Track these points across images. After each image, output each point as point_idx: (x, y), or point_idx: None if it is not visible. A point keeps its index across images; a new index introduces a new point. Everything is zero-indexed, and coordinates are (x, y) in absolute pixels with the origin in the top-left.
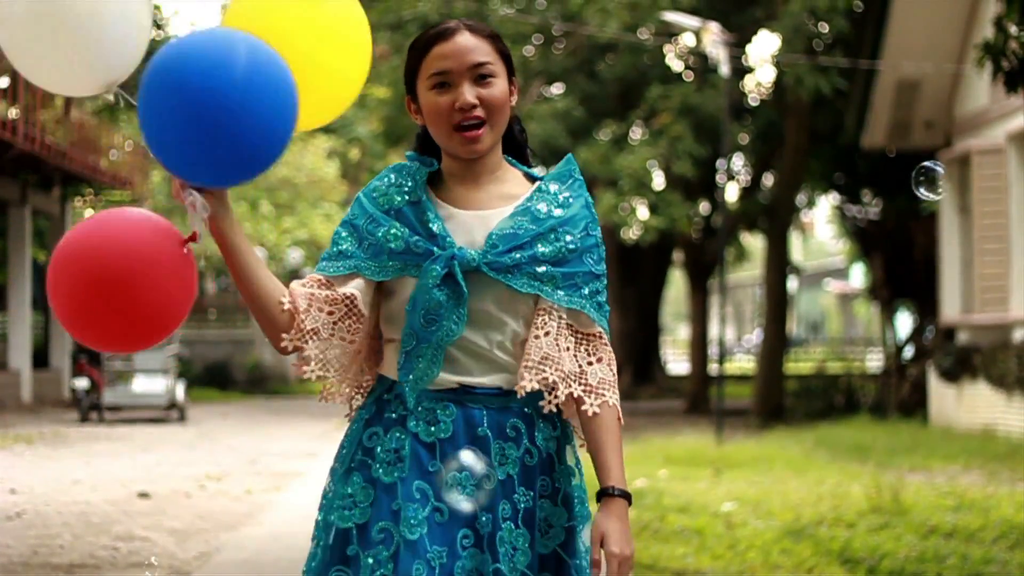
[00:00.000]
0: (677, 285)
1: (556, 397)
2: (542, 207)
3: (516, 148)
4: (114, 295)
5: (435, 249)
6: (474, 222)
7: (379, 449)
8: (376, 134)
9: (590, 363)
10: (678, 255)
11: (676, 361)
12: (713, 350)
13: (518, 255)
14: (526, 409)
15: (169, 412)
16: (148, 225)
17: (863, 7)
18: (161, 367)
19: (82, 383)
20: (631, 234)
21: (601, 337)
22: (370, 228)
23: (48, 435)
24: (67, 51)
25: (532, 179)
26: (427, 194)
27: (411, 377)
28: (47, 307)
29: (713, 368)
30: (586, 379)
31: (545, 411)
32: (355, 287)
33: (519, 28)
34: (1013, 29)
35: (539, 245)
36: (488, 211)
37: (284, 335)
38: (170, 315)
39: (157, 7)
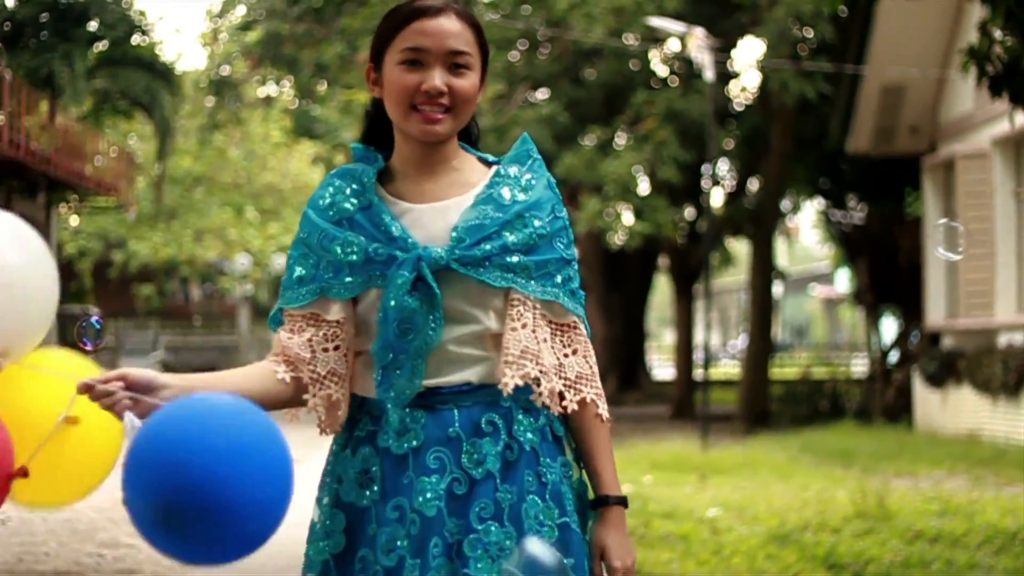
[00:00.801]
0: (662, 290)
1: (541, 393)
2: (505, 192)
3: (469, 141)
4: None
5: (398, 253)
6: (433, 216)
7: (348, 471)
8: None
9: (566, 355)
10: (663, 260)
11: (661, 366)
12: (698, 355)
13: (487, 246)
14: (503, 402)
15: None
16: None
17: (848, 12)
18: None
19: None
20: (616, 240)
21: (576, 327)
22: (324, 244)
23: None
24: None
25: (488, 164)
26: (378, 194)
27: (392, 393)
28: None
29: (698, 373)
30: (564, 372)
31: (539, 404)
32: (339, 311)
33: (504, 33)
34: (998, 34)
35: (508, 234)
36: (446, 201)
37: (305, 396)
38: None
39: (142, 12)
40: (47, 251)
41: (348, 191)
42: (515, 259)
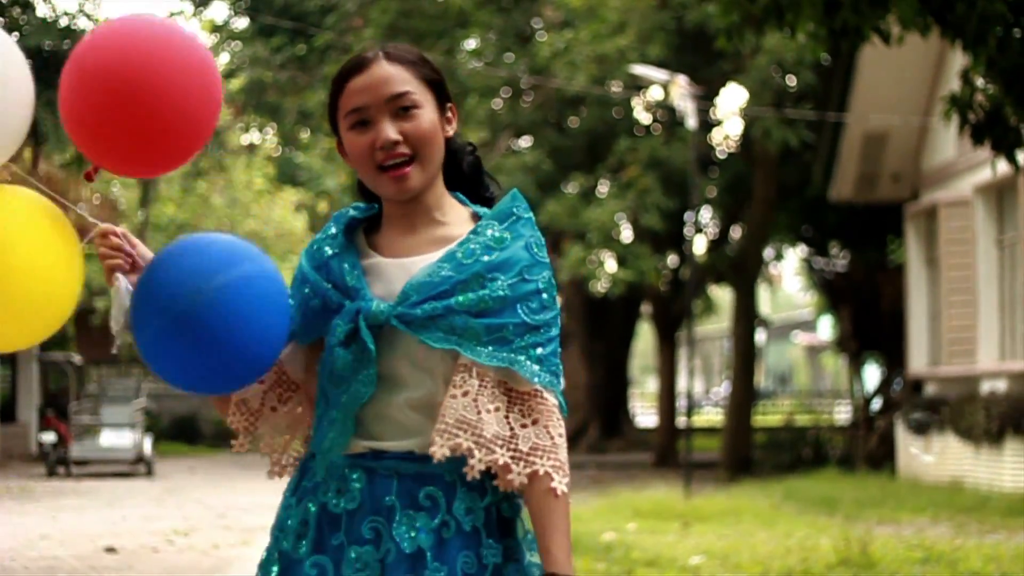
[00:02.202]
0: (645, 338)
1: (472, 466)
2: (471, 250)
3: (469, 182)
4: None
5: (346, 303)
6: (396, 271)
7: (290, 521)
8: (344, 187)
9: (523, 425)
10: (646, 308)
11: (644, 414)
12: (681, 403)
13: (430, 306)
14: (446, 477)
15: (136, 466)
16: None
17: (830, 60)
18: (128, 421)
19: (49, 437)
20: (599, 287)
21: (537, 395)
22: (300, 287)
23: (15, 489)
24: None
25: (479, 219)
26: (353, 242)
27: (324, 445)
28: (14, 359)
29: (681, 421)
30: (516, 444)
31: (468, 478)
32: (284, 353)
33: (487, 81)
34: (980, 82)
35: (458, 294)
36: (413, 258)
37: (227, 414)
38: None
39: None
40: (13, 44)
41: (334, 235)
42: (462, 321)
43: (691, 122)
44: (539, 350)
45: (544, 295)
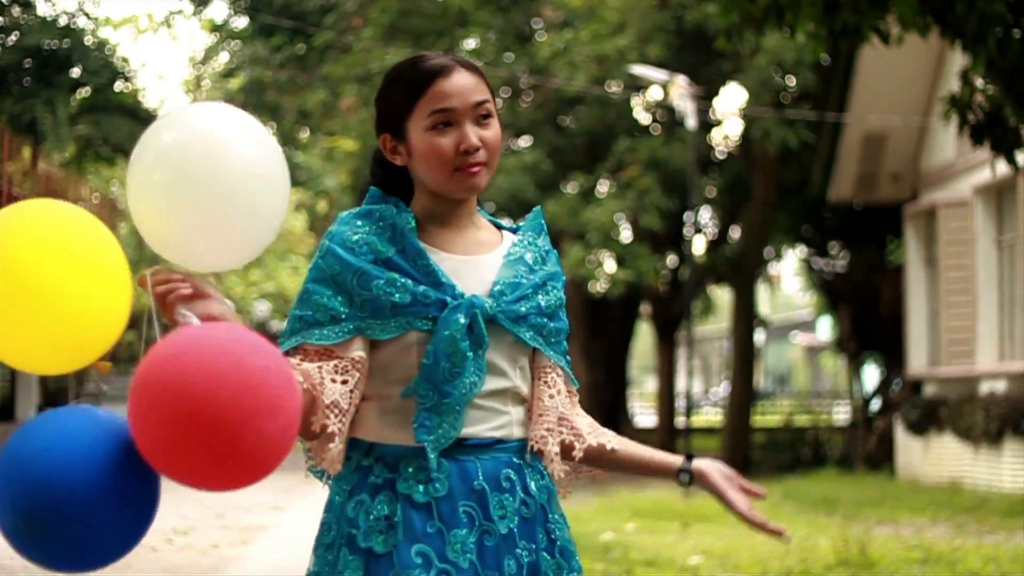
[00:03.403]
0: (644, 338)
1: (575, 457)
2: (529, 258)
3: None
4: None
5: (448, 299)
6: (467, 268)
7: (366, 518)
8: (344, 186)
9: (577, 414)
10: (645, 308)
11: (643, 414)
12: (680, 403)
13: (526, 305)
14: (515, 458)
15: None
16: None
17: (830, 60)
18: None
19: None
20: (598, 287)
21: (576, 395)
22: (362, 282)
23: None
24: (206, 222)
25: (499, 227)
26: (415, 239)
27: (432, 437)
28: None
29: (680, 421)
30: (574, 426)
31: (559, 472)
32: (360, 349)
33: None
34: (979, 82)
35: (540, 296)
36: (475, 256)
37: (313, 418)
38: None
39: (125, 59)
40: (277, 144)
41: (381, 233)
42: (541, 321)
43: (690, 122)
44: (567, 355)
45: (564, 300)
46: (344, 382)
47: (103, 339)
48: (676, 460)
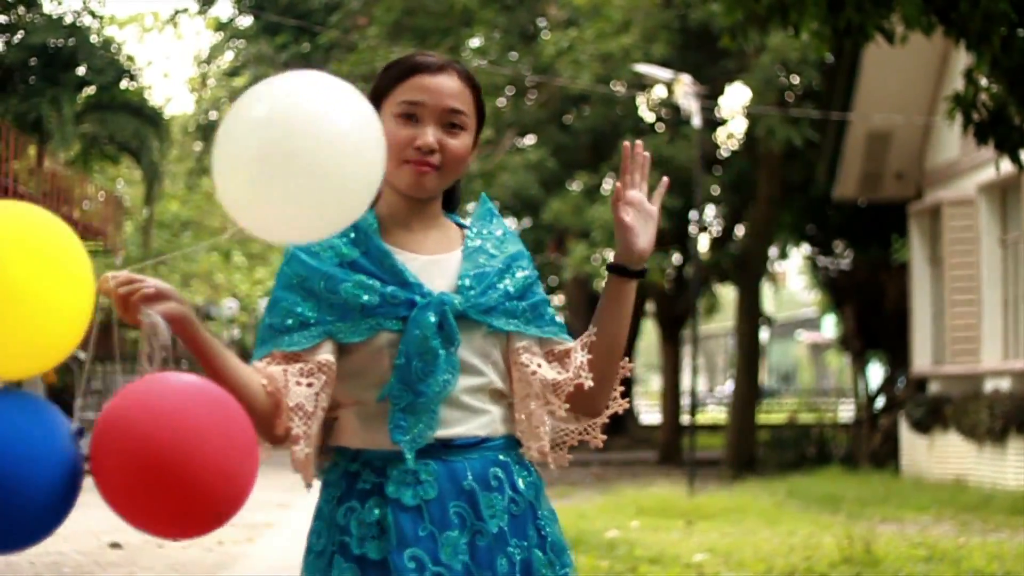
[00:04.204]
0: (649, 336)
1: (530, 448)
2: (489, 246)
3: (447, 199)
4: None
5: (417, 298)
6: (432, 267)
7: (356, 524)
8: None
9: (559, 373)
10: (650, 306)
11: (648, 412)
12: (685, 401)
13: (494, 294)
14: (501, 456)
15: None
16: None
17: (834, 59)
18: None
19: None
20: (603, 285)
21: (584, 344)
22: (329, 286)
23: None
24: (297, 195)
25: (460, 227)
26: (379, 241)
27: (408, 437)
28: None
29: (685, 419)
30: (578, 367)
31: (527, 459)
32: (327, 352)
33: (492, 79)
34: (983, 81)
35: (506, 281)
36: (438, 255)
37: (277, 421)
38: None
39: (130, 57)
40: (373, 112)
41: (343, 234)
42: (513, 305)
43: (695, 121)
44: (556, 316)
45: (537, 274)
46: (310, 384)
47: (63, 343)
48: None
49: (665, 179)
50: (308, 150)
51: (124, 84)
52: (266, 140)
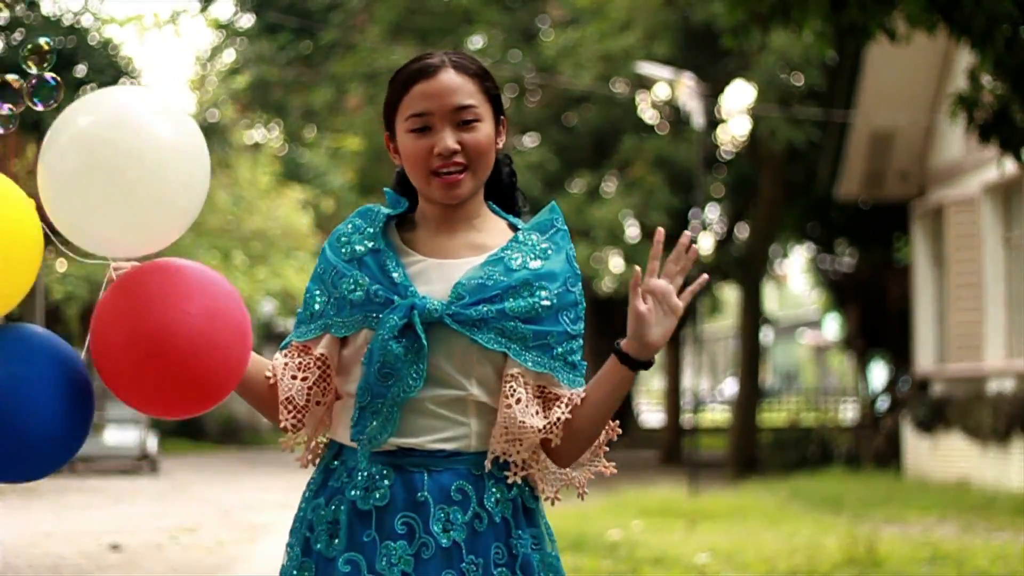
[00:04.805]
0: None
1: (516, 473)
2: (517, 258)
3: (503, 192)
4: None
5: (395, 298)
6: (440, 271)
7: (319, 521)
8: (350, 185)
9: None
10: None
11: (650, 412)
12: (687, 401)
13: (485, 308)
14: (474, 470)
15: (141, 463)
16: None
17: (837, 58)
18: (133, 418)
19: None
20: (605, 285)
21: (571, 398)
22: (335, 280)
23: (19, 487)
24: (119, 210)
25: (515, 229)
26: (389, 239)
27: (364, 436)
28: None
29: (687, 419)
30: (550, 424)
31: (509, 481)
32: (325, 346)
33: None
34: (987, 80)
35: (510, 299)
36: (455, 260)
37: (277, 412)
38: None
39: (130, 58)
40: (196, 127)
41: (363, 231)
42: (512, 325)
43: (697, 120)
44: (574, 356)
45: (580, 306)
46: (304, 379)
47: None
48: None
49: (704, 276)
50: (128, 163)
51: (124, 84)
52: (88, 154)
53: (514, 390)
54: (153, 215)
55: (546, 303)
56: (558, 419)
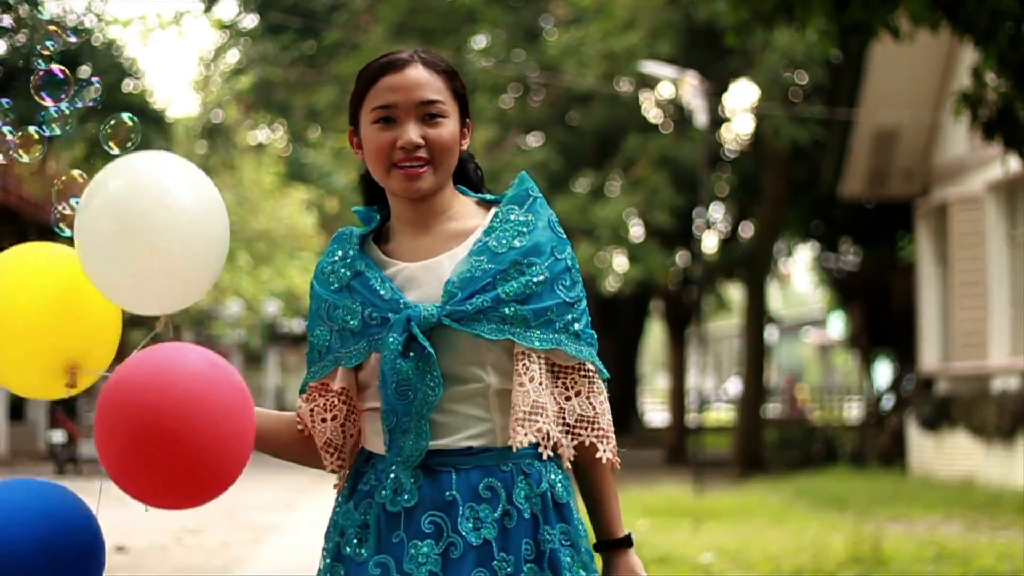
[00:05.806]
0: (655, 335)
1: (546, 446)
2: (500, 240)
3: (474, 189)
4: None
5: (390, 315)
6: (426, 273)
7: (349, 525)
8: (354, 185)
9: (567, 398)
10: (656, 305)
11: (654, 411)
12: (691, 400)
13: (479, 300)
14: (503, 467)
15: None
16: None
17: (840, 57)
18: None
19: (58, 436)
20: (609, 284)
21: (580, 369)
22: (330, 313)
23: None
24: (147, 270)
25: (488, 204)
26: (369, 257)
27: (400, 457)
28: None
29: (692, 418)
30: (564, 418)
31: (544, 458)
32: (342, 379)
33: (497, 79)
34: (990, 78)
35: (502, 284)
36: (436, 257)
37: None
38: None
39: (133, 58)
40: (215, 189)
41: (344, 257)
42: (511, 310)
43: (701, 119)
44: (577, 325)
45: (572, 271)
46: (334, 418)
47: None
48: (599, 537)
49: None
50: (155, 228)
51: (127, 86)
52: (119, 218)
53: (527, 368)
54: (180, 275)
55: (540, 278)
56: (557, 440)
